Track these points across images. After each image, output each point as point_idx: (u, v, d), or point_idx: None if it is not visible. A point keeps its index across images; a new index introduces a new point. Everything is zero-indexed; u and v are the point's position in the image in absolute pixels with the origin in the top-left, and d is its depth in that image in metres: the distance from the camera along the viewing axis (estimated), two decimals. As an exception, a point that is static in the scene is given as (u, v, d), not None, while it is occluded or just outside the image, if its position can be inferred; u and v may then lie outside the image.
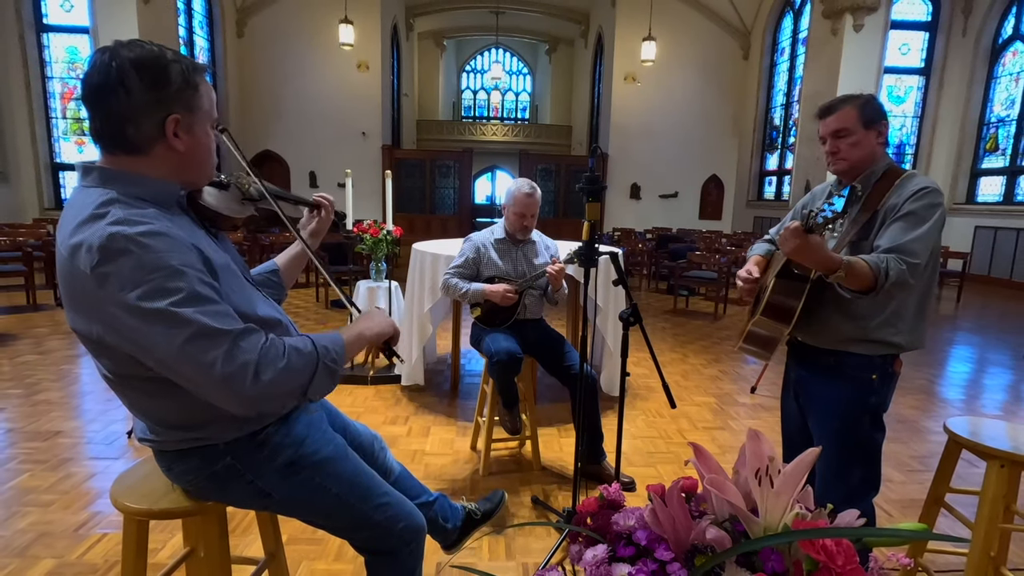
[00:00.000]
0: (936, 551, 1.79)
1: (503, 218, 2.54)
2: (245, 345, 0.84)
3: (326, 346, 0.94)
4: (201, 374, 0.82)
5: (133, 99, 0.85)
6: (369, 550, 1.17)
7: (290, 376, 0.88)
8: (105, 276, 0.81)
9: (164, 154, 0.91)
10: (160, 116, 0.88)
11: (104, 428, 2.77)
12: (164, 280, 0.81)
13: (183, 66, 0.89)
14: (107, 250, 0.80)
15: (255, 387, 0.83)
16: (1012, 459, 1.40)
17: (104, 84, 0.85)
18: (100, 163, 0.91)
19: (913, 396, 3.60)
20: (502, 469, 2.47)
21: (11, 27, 9.07)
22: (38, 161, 9.56)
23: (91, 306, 0.84)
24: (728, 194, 13.33)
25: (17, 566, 1.71)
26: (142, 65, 0.85)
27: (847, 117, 1.37)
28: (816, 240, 1.20)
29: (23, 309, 5.45)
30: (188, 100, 0.90)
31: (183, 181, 0.96)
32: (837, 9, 9.41)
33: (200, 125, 0.93)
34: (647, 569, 0.54)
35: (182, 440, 0.99)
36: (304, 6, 12.03)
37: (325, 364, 0.93)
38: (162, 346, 0.82)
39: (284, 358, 0.87)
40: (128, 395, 0.97)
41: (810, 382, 1.50)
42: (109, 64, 0.84)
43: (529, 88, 22.30)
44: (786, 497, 0.55)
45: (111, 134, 0.88)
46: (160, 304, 0.80)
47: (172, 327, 0.81)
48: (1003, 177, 9.32)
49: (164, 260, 0.82)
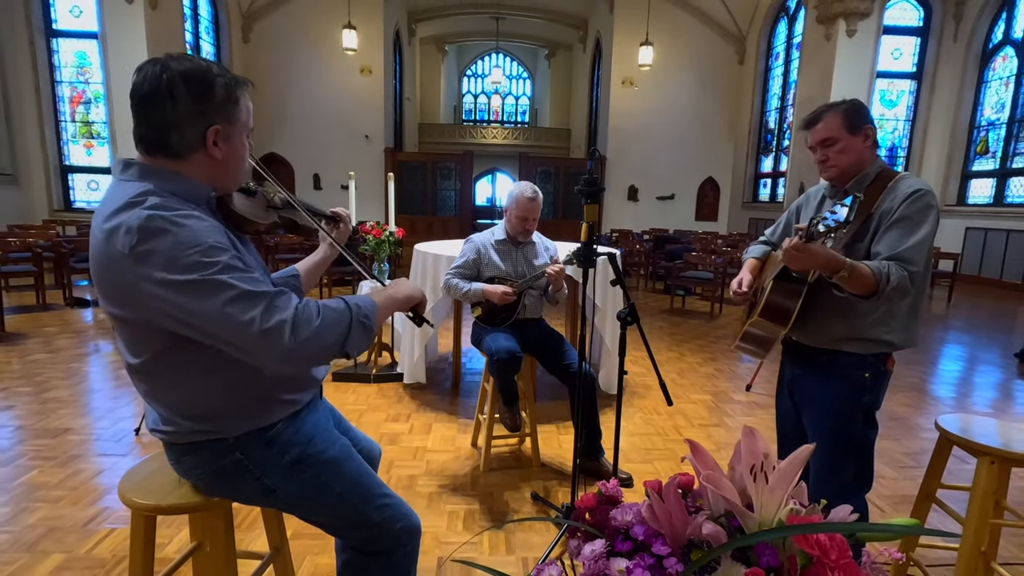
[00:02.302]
0: (928, 546, 1.82)
1: (504, 219, 2.57)
2: (281, 304, 0.89)
3: (358, 304, 0.98)
4: (241, 334, 0.86)
5: (179, 109, 0.91)
6: (366, 550, 1.17)
7: (325, 332, 0.92)
8: (144, 255, 0.85)
9: (202, 160, 0.96)
10: (203, 126, 0.93)
11: (112, 425, 2.79)
12: (201, 255, 0.86)
13: (227, 80, 0.95)
14: (145, 230, 0.85)
15: (293, 342, 0.87)
16: (1002, 455, 1.41)
17: (154, 93, 0.90)
18: (139, 160, 0.96)
19: (905, 394, 3.64)
20: (502, 465, 2.50)
21: (21, 32, 9.13)
22: (47, 164, 9.63)
23: (128, 287, 0.88)
24: (724, 196, 13.40)
25: (27, 561, 1.73)
26: (190, 78, 0.91)
27: (832, 125, 1.39)
28: (818, 247, 1.22)
29: (33, 309, 5.48)
30: (229, 112, 0.96)
31: (216, 186, 1.01)
32: (831, 15, 9.50)
33: (237, 136, 0.99)
34: (644, 563, 0.54)
35: (194, 432, 1.01)
36: (308, 12, 12.10)
37: (359, 320, 0.97)
38: (203, 314, 0.86)
39: (319, 316, 0.92)
40: (148, 383, 0.99)
41: (804, 380, 1.51)
42: (160, 75, 0.90)
43: (529, 92, 22.39)
44: (781, 493, 0.56)
45: (155, 139, 0.93)
46: (199, 275, 0.85)
47: (212, 295, 0.85)
48: (993, 179, 9.42)
49: (200, 237, 0.87)
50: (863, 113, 1.41)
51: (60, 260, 6.04)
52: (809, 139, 1.45)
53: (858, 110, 1.40)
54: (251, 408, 1.03)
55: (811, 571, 0.50)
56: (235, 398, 1.01)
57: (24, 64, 9.21)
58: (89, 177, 10.04)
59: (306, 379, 1.14)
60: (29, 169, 9.50)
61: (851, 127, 1.38)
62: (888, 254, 1.29)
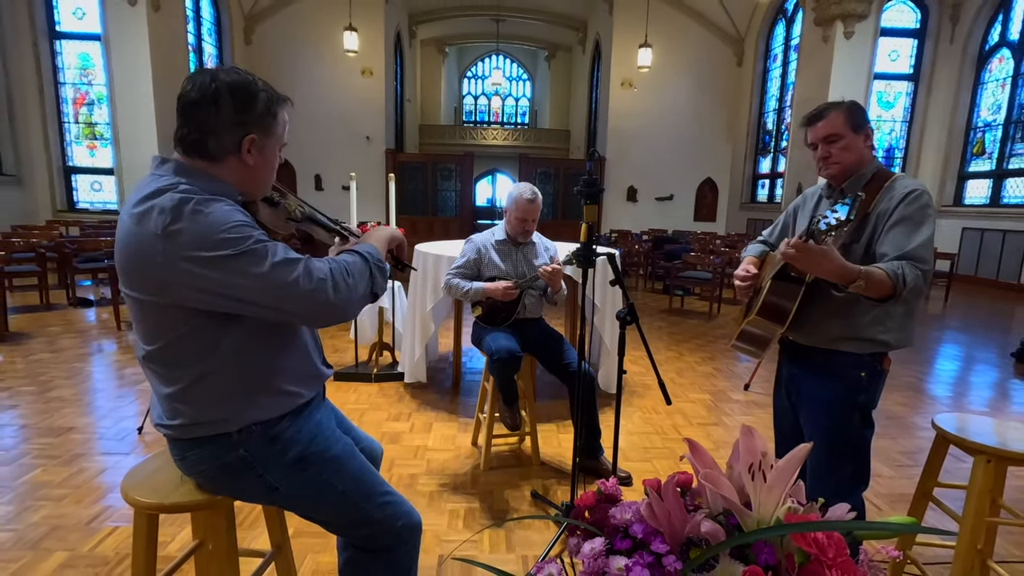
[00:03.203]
0: (925, 544, 1.82)
1: (504, 220, 2.59)
2: (316, 266, 0.98)
3: (368, 252, 1.09)
4: (288, 293, 0.93)
5: (222, 116, 0.98)
6: (367, 547, 1.18)
7: (358, 283, 1.02)
8: (177, 232, 0.89)
9: (235, 166, 1.02)
10: (240, 134, 1.00)
11: (115, 424, 2.80)
12: (233, 231, 0.92)
13: (268, 95, 1.02)
14: (179, 211, 0.90)
15: (336, 295, 0.97)
16: (998, 454, 1.42)
17: (200, 100, 0.97)
18: (176, 158, 1.01)
19: (902, 393, 3.66)
20: (502, 464, 2.51)
21: (25, 34, 9.16)
22: (51, 165, 9.65)
23: (159, 267, 0.91)
24: (722, 197, 13.43)
25: (31, 558, 1.74)
26: (236, 89, 0.98)
27: (836, 122, 1.39)
28: (825, 250, 1.20)
29: (36, 308, 5.50)
30: (267, 125, 1.03)
31: (243, 191, 1.06)
32: (828, 17, 9.53)
33: (271, 148, 1.05)
34: (643, 561, 0.54)
35: (200, 424, 1.03)
36: (310, 14, 12.14)
37: (376, 266, 1.08)
38: (244, 283, 0.92)
39: (348, 272, 1.01)
40: (162, 369, 1.01)
41: (801, 380, 1.52)
42: (209, 84, 0.97)
43: (529, 93, 22.43)
44: (778, 491, 0.56)
45: (194, 141, 0.99)
46: (235, 249, 0.91)
47: (254, 263, 0.92)
48: (989, 180, 9.47)
49: (231, 216, 0.93)
50: (864, 114, 1.42)
51: (63, 260, 6.05)
52: (810, 136, 1.45)
53: (860, 110, 1.42)
54: (259, 397, 1.05)
55: (809, 569, 0.50)
56: (245, 386, 1.03)
57: (28, 66, 9.24)
58: (92, 178, 10.05)
59: (311, 376, 1.15)
60: (33, 170, 9.52)
61: (854, 125, 1.39)
62: (897, 254, 1.28)
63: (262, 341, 1.04)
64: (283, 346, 1.09)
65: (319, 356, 1.19)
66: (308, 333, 1.17)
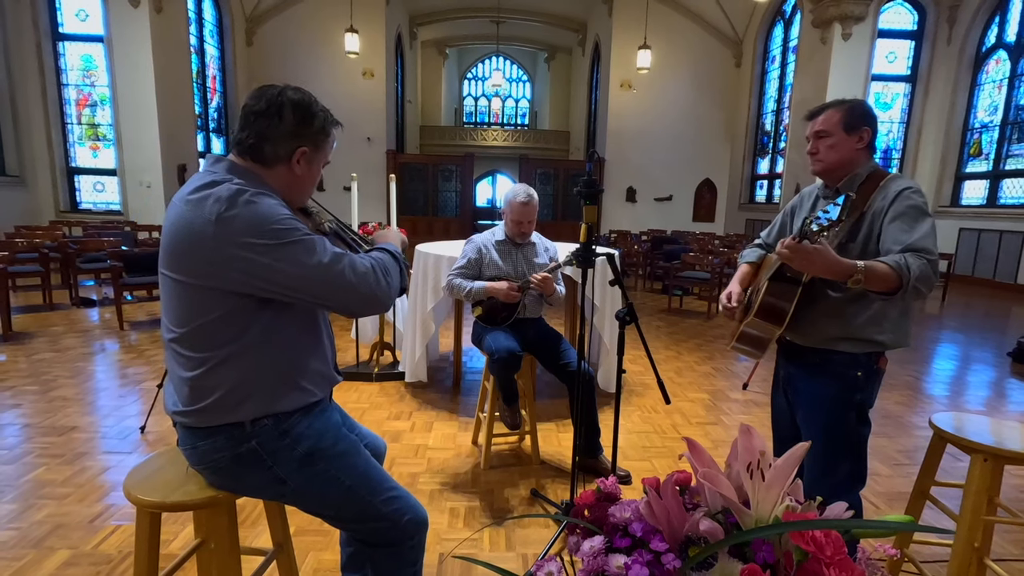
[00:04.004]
0: (922, 542, 1.83)
1: (503, 221, 2.61)
2: (359, 260, 1.08)
3: (395, 252, 1.21)
4: (334, 284, 1.03)
5: (282, 127, 1.08)
6: (372, 542, 1.19)
7: (393, 278, 1.14)
8: (232, 219, 0.97)
9: (283, 173, 1.11)
10: (294, 145, 1.09)
11: (118, 423, 2.81)
12: (284, 223, 1.00)
13: (325, 116, 1.14)
14: (234, 200, 0.98)
15: (379, 287, 1.08)
16: (995, 453, 1.42)
17: (266, 111, 1.07)
18: (230, 158, 1.10)
19: (899, 392, 3.67)
20: (502, 463, 2.52)
21: (28, 36, 9.16)
22: (54, 165, 9.65)
23: (210, 250, 0.97)
24: (721, 197, 13.47)
25: (34, 557, 1.75)
26: (298, 105, 1.09)
27: (830, 120, 1.41)
28: (819, 249, 1.19)
29: (39, 308, 5.52)
30: (318, 141, 1.13)
31: (286, 198, 1.12)
32: (826, 18, 9.57)
33: (317, 162, 1.15)
34: (642, 560, 0.55)
35: (215, 410, 1.04)
36: (311, 16, 12.18)
37: (403, 264, 1.22)
38: (293, 271, 1.00)
39: (386, 268, 1.12)
40: (188, 351, 1.03)
41: (799, 379, 1.52)
42: (276, 98, 1.07)
43: (528, 95, 22.47)
44: (777, 490, 0.56)
45: (251, 146, 1.08)
46: (288, 239, 0.99)
47: (302, 254, 1.00)
48: (986, 181, 9.49)
49: (281, 210, 1.02)
50: (865, 114, 1.42)
51: (66, 260, 6.05)
52: (808, 129, 1.47)
53: (861, 111, 1.41)
54: (278, 388, 1.09)
55: (807, 567, 0.51)
56: (266, 375, 1.07)
57: (31, 67, 9.25)
58: (95, 179, 10.04)
59: (325, 378, 1.19)
60: (36, 171, 9.53)
61: (847, 126, 1.40)
62: (899, 248, 1.27)
63: (289, 336, 1.10)
64: (306, 345, 1.13)
65: (334, 362, 1.23)
66: (328, 339, 1.21)
